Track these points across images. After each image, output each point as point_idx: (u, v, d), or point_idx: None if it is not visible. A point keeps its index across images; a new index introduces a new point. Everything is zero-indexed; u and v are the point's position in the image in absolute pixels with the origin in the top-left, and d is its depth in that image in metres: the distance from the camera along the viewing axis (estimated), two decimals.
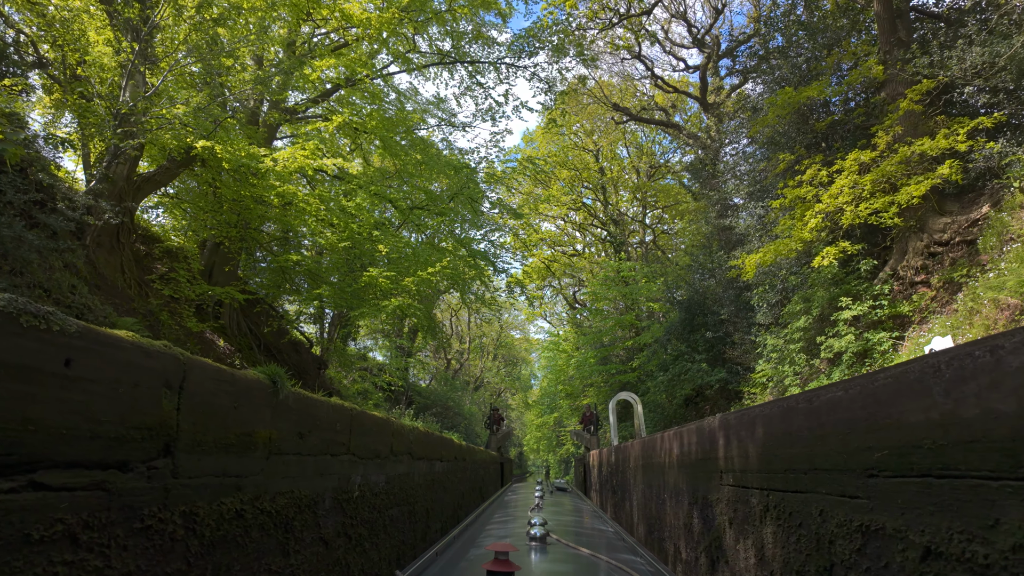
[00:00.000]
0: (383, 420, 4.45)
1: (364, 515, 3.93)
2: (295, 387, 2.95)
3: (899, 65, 11.33)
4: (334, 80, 14.54)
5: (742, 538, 3.59)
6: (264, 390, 2.58)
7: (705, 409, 19.08)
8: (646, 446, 7.05)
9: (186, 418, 1.99)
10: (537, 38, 17.56)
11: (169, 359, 1.92)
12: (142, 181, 10.82)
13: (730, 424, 3.84)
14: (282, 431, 2.75)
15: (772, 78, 14.82)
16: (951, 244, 10.78)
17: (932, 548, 1.84)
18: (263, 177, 10.48)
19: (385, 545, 4.47)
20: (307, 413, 3.03)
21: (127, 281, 10.41)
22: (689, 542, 4.91)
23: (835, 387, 2.52)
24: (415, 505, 5.48)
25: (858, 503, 2.28)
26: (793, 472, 2.88)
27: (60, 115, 10.34)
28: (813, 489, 2.67)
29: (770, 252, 11.28)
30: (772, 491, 3.13)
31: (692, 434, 4.78)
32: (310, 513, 3.05)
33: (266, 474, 2.58)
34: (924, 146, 9.74)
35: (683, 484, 5.10)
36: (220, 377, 2.24)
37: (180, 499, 1.94)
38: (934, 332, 8.97)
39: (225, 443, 2.24)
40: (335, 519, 3.40)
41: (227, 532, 2.23)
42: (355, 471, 3.76)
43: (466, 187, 16.97)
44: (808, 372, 11.97)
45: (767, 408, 3.25)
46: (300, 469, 2.94)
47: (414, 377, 35.88)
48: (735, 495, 3.73)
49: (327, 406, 3.28)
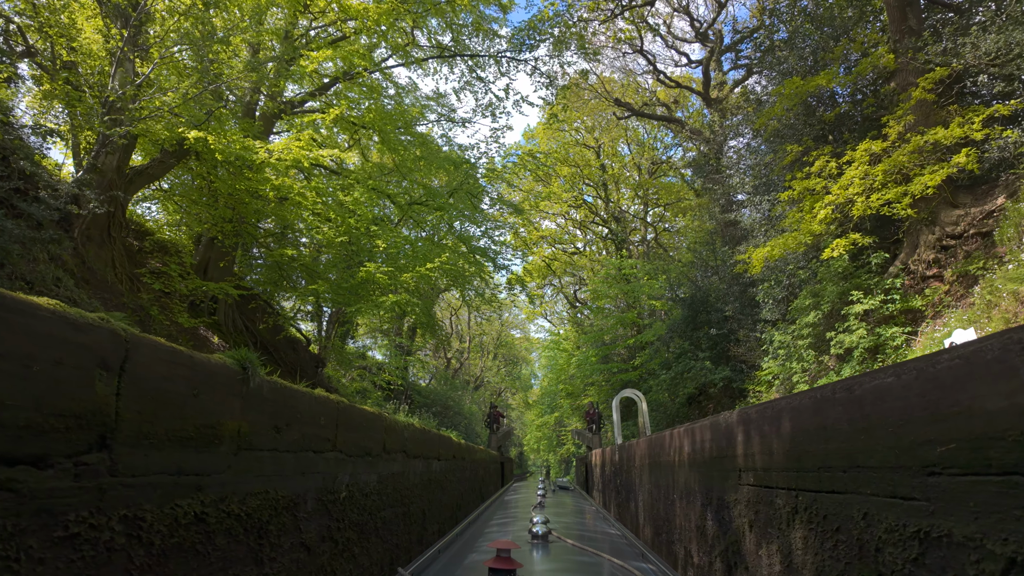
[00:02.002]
0: (374, 415, 4.14)
1: (353, 517, 3.63)
2: (272, 376, 2.64)
3: (910, 53, 11.02)
4: (332, 75, 14.25)
5: (765, 543, 3.28)
6: (232, 377, 2.27)
7: (708, 408, 18.77)
8: (653, 444, 6.74)
9: (129, 405, 1.68)
10: (538, 30, 17.25)
11: (105, 334, 1.62)
12: (134, 174, 10.53)
13: (751, 419, 3.53)
14: (255, 424, 2.44)
15: (778, 70, 14.51)
16: (965, 237, 10.47)
17: (1020, 560, 1.53)
18: (258, 170, 10.20)
19: (377, 549, 4.16)
20: (285, 405, 2.71)
21: (118, 276, 10.11)
22: (702, 546, 4.61)
23: (882, 373, 2.21)
24: (410, 506, 5.17)
25: (914, 505, 1.97)
26: (828, 470, 2.57)
27: (51, 107, 10.05)
28: (854, 489, 2.36)
29: (778, 246, 10.97)
30: (802, 491, 2.82)
31: (706, 430, 4.47)
32: (289, 516, 2.74)
33: (234, 472, 2.26)
34: (938, 135, 9.42)
35: (695, 484, 4.79)
36: (175, 359, 1.93)
37: (120, 501, 1.64)
38: (950, 326, 8.66)
39: (182, 436, 1.93)
40: (319, 522, 3.09)
41: (183, 539, 1.92)
42: (342, 470, 3.45)
43: (466, 183, 16.69)
44: (816, 369, 11.65)
45: (795, 400, 2.94)
46: (277, 467, 2.63)
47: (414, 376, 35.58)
48: (757, 496, 3.43)
49: (309, 398, 2.97)
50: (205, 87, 9.82)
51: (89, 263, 9.40)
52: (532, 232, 33.37)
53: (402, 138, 15.28)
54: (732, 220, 17.65)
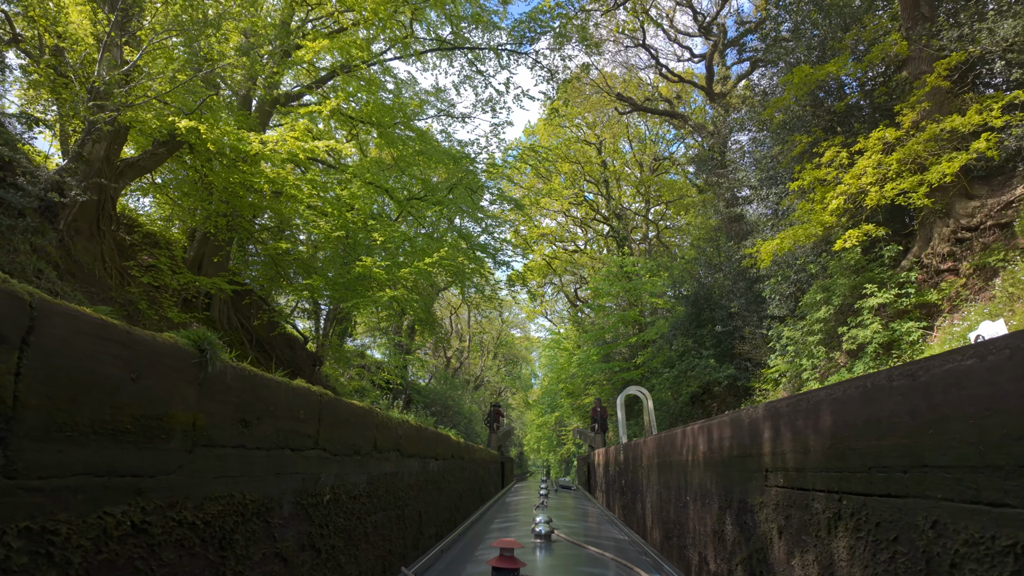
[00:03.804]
0: (364, 410, 3.79)
1: (339, 523, 3.27)
2: (242, 363, 2.29)
3: (924, 40, 10.68)
4: (329, 68, 13.91)
5: (799, 551, 2.93)
6: (185, 360, 1.91)
7: (712, 407, 18.42)
8: (662, 443, 6.39)
9: (34, 388, 1.33)
10: (538, 22, 16.88)
11: (1, 297, 1.26)
12: (125, 166, 10.19)
13: (780, 413, 3.18)
14: (216, 417, 2.08)
15: (786, 61, 14.17)
16: (981, 228, 10.12)
17: None
18: (253, 163, 9.88)
19: (367, 556, 3.81)
20: (255, 396, 2.36)
21: (108, 270, 9.76)
22: (720, 552, 4.26)
23: (956, 355, 1.86)
24: (405, 509, 4.81)
25: (1007, 514, 1.62)
26: (883, 470, 2.22)
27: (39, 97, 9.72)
28: (919, 493, 2.01)
29: (788, 238, 10.62)
30: (847, 494, 2.47)
31: (725, 427, 4.12)
32: (260, 523, 2.38)
33: (189, 473, 1.91)
34: (955, 122, 9.08)
35: (712, 485, 4.44)
36: (105, 334, 1.58)
37: (19, 510, 1.29)
38: (970, 320, 8.31)
39: (114, 429, 1.58)
40: (297, 528, 2.74)
41: (116, 555, 1.56)
42: (326, 470, 3.09)
43: (465, 178, 16.35)
44: (827, 366, 11.30)
45: (837, 390, 2.59)
46: (244, 467, 2.27)
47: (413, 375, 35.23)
48: (788, 499, 3.07)
49: (286, 388, 2.62)
50: (195, 73, 9.47)
51: (76, 256, 9.06)
52: (533, 230, 33.03)
53: (401, 133, 14.96)
54: (737, 215, 17.30)
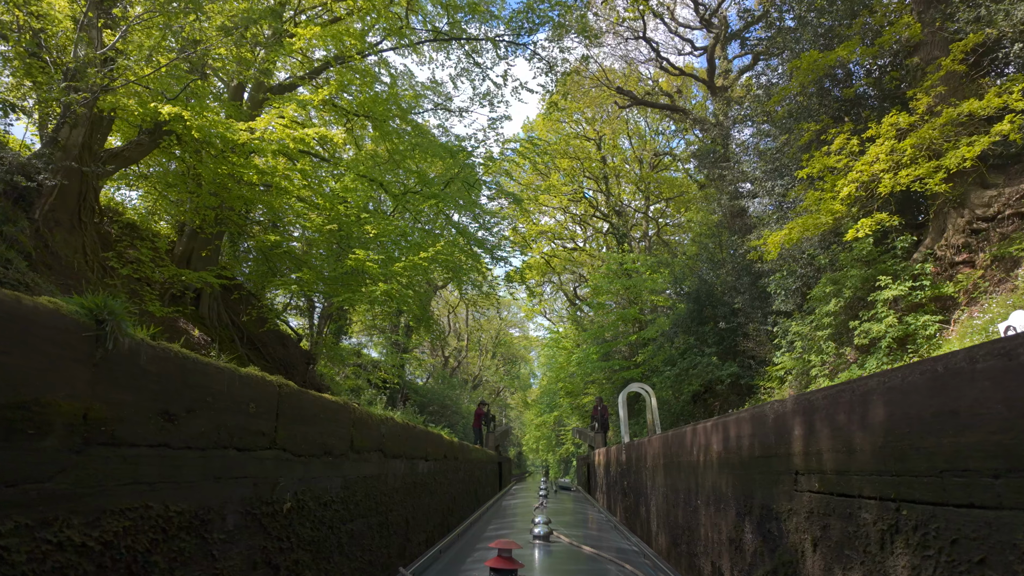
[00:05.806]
0: (338, 405, 3.35)
1: (304, 534, 2.83)
2: (159, 340, 1.84)
3: (938, 22, 10.26)
4: (322, 60, 13.48)
5: (840, 568, 2.50)
6: (71, 332, 1.47)
7: (715, 406, 17.99)
8: (669, 442, 5.95)
9: None
10: (537, 12, 16.45)
11: None
12: (108, 156, 9.76)
13: (815, 406, 2.74)
14: (122, 407, 1.64)
15: (792, 50, 13.75)
16: (999, 218, 9.71)
17: None
18: (242, 153, 9.47)
19: (341, 570, 3.37)
20: (183, 382, 1.92)
21: (89, 263, 9.34)
22: (738, 563, 3.82)
23: None
24: (388, 515, 4.37)
25: None
26: (959, 474, 1.79)
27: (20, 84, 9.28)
28: (1018, 504, 1.58)
29: (796, 228, 10.18)
30: (908, 503, 2.04)
31: (744, 424, 3.68)
32: (191, 539, 1.94)
33: (75, 480, 1.47)
34: (973, 106, 8.65)
35: (728, 488, 4.00)
36: None
37: None
38: (991, 312, 7.88)
39: None
40: (247, 543, 2.30)
41: None
42: (287, 473, 2.65)
43: (462, 172, 15.92)
44: (836, 362, 10.87)
45: (892, 377, 2.15)
46: (167, 470, 1.83)
47: (411, 375, 34.81)
48: (824, 506, 2.64)
49: (229, 376, 2.17)
50: (178, 55, 9.03)
51: (54, 247, 8.63)
52: (531, 228, 32.59)
53: (396, 127, 14.54)
54: (740, 209, 16.87)
